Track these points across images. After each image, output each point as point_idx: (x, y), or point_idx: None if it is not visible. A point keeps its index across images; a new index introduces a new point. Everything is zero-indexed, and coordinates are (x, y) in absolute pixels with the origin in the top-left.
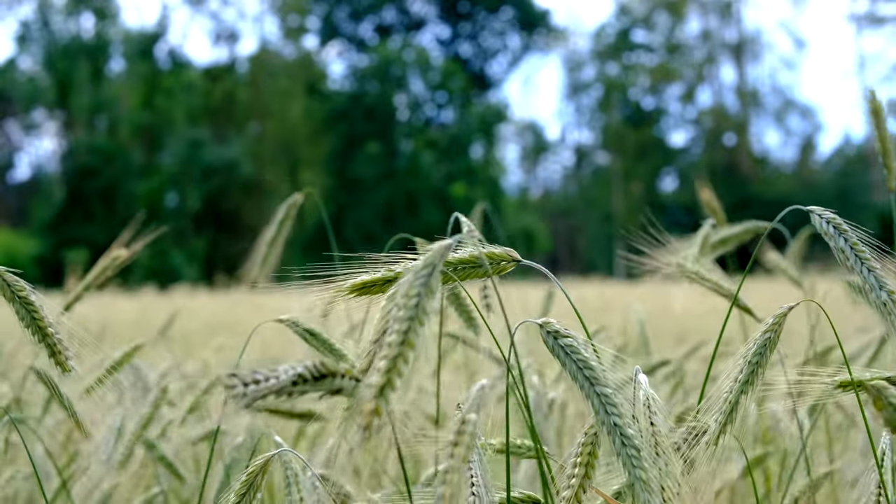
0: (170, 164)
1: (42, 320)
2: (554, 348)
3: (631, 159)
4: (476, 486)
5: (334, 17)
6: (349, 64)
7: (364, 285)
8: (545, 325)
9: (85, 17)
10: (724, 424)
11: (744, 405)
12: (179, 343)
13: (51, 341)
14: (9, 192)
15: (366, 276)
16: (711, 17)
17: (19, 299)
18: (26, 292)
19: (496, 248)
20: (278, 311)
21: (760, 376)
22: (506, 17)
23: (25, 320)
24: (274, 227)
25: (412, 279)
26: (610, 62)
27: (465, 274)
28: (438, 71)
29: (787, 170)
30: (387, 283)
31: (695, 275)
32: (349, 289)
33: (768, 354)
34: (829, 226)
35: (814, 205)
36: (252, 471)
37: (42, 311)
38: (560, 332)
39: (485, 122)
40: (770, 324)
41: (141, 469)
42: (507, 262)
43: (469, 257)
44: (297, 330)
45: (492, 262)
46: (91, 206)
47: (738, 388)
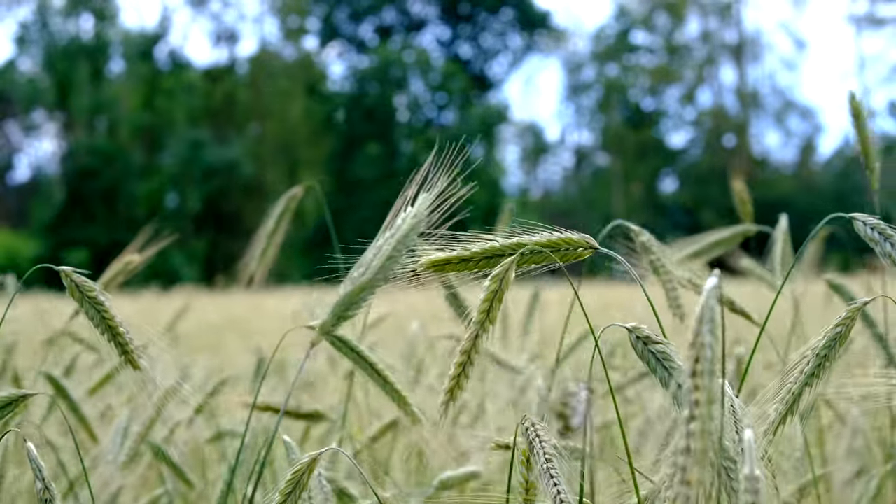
0: (170, 164)
1: (112, 320)
2: (644, 354)
3: (631, 160)
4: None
5: (334, 18)
6: (349, 65)
7: (439, 262)
8: (634, 329)
9: (84, 18)
10: (784, 415)
11: (806, 398)
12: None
13: (122, 340)
14: (9, 193)
15: (441, 254)
16: (711, 18)
17: (89, 300)
18: (95, 293)
19: (574, 234)
20: (279, 312)
21: (827, 370)
22: (506, 18)
23: (95, 320)
24: (273, 220)
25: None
26: (610, 63)
27: (540, 258)
28: (439, 72)
29: (787, 171)
30: (461, 263)
31: (688, 282)
32: (426, 264)
33: (837, 348)
34: (874, 231)
35: (813, 206)
36: (298, 469)
37: (111, 311)
38: (651, 337)
39: (485, 123)
40: (842, 318)
41: (147, 471)
42: (584, 249)
43: (547, 241)
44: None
45: (568, 248)
46: (91, 207)
47: (804, 379)
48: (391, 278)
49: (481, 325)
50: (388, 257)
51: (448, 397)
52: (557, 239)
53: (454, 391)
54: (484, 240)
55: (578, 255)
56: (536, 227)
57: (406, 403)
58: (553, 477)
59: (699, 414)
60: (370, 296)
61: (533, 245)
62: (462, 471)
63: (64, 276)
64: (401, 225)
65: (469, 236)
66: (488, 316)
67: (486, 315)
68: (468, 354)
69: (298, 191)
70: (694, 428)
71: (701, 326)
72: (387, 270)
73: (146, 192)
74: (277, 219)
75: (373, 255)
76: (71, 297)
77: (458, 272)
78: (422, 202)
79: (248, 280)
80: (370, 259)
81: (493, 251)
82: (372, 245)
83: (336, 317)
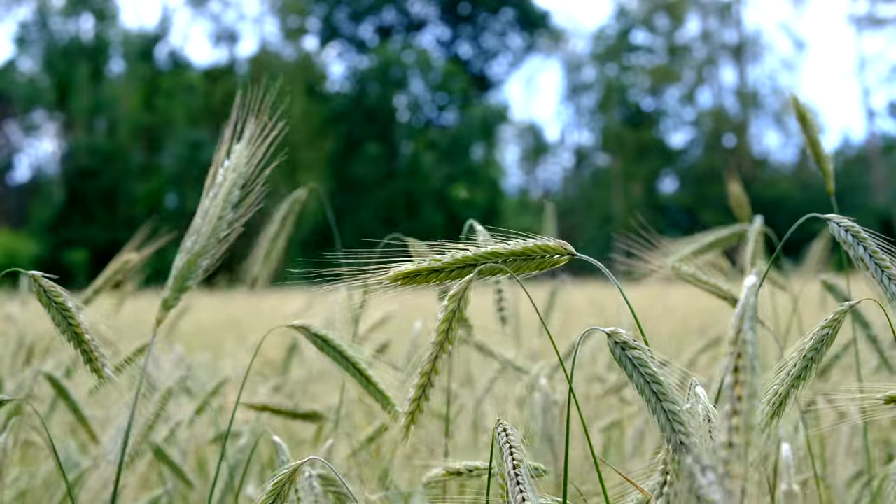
0: (170, 165)
1: (79, 326)
2: (621, 359)
3: (630, 161)
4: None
5: (334, 19)
6: (349, 65)
7: (409, 274)
8: (613, 334)
9: (84, 18)
10: (771, 416)
11: (793, 399)
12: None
13: (87, 348)
14: (8, 193)
15: (411, 266)
16: (711, 19)
17: (56, 305)
18: (63, 298)
19: (550, 241)
20: (278, 312)
21: (813, 371)
22: (506, 19)
23: (62, 326)
24: (276, 223)
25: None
26: (610, 63)
27: (515, 267)
28: (439, 72)
29: (787, 171)
30: (432, 274)
31: (691, 277)
32: (394, 277)
33: (824, 350)
34: (847, 234)
35: (813, 206)
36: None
37: (78, 318)
38: (629, 342)
39: (485, 123)
40: (829, 319)
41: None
42: (560, 256)
43: (523, 249)
44: (311, 336)
45: (544, 255)
46: (91, 208)
47: (790, 381)
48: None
49: (440, 346)
50: (217, 218)
51: (409, 420)
52: (533, 246)
53: (415, 414)
54: (456, 249)
55: (555, 262)
56: (511, 234)
57: (389, 404)
58: (520, 484)
59: (741, 409)
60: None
61: (507, 254)
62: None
63: (32, 281)
64: (221, 182)
65: (441, 245)
66: (447, 337)
67: (445, 335)
68: (428, 376)
69: (302, 193)
70: (735, 423)
71: (742, 323)
72: (217, 232)
73: (146, 192)
74: (281, 221)
75: (201, 221)
76: (39, 301)
77: (429, 283)
78: (237, 154)
79: (253, 282)
80: (199, 225)
81: (466, 261)
82: (199, 209)
83: (177, 289)
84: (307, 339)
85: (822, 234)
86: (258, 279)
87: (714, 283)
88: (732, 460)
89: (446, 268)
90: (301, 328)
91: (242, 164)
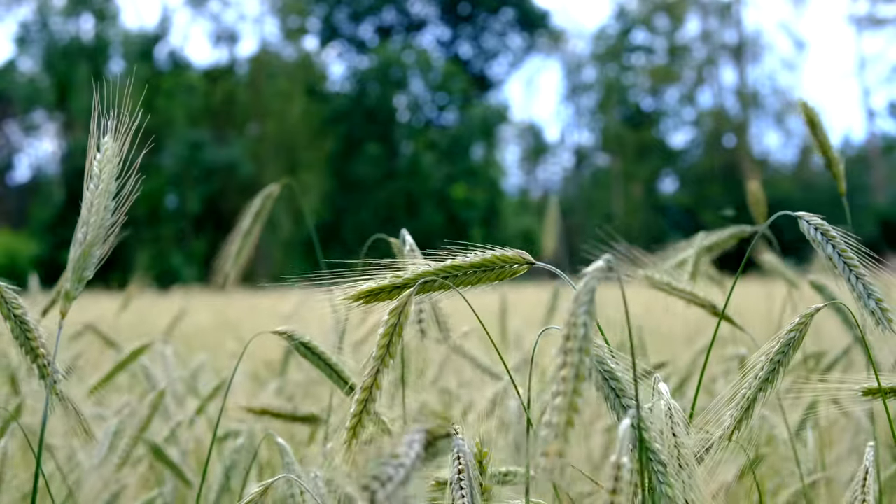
0: (170, 165)
1: (35, 340)
2: None
3: (631, 161)
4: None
5: (334, 19)
6: (349, 65)
7: (371, 293)
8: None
9: (84, 18)
10: (739, 420)
11: (761, 403)
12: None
13: (41, 363)
14: (8, 193)
15: (372, 284)
16: (711, 19)
17: (14, 318)
18: (21, 310)
19: (508, 251)
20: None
21: (781, 375)
22: (506, 19)
23: (20, 339)
24: (248, 219)
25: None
26: (610, 64)
27: (475, 278)
28: (439, 72)
29: (787, 171)
30: (395, 291)
31: (665, 286)
32: (355, 296)
33: (791, 354)
34: (816, 232)
35: (813, 206)
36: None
37: (35, 331)
38: None
39: (485, 123)
40: (795, 323)
41: (146, 472)
42: (519, 265)
43: (482, 261)
44: (294, 343)
45: (503, 265)
46: None
47: (758, 385)
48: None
49: (381, 361)
50: (104, 209)
51: (350, 435)
52: (492, 257)
53: (356, 429)
54: (416, 265)
55: (515, 272)
56: (471, 246)
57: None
58: (462, 489)
59: (565, 389)
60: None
61: (467, 266)
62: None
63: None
64: (99, 174)
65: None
66: (388, 351)
67: (385, 350)
68: (369, 391)
69: (275, 189)
70: (558, 402)
71: (577, 307)
72: (105, 222)
73: (146, 192)
74: (253, 218)
75: (87, 212)
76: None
77: (391, 300)
78: (107, 146)
79: (224, 280)
80: (87, 216)
81: (426, 275)
82: (83, 202)
83: (76, 280)
84: (290, 345)
85: None
86: (229, 277)
87: (689, 290)
88: (551, 439)
89: (407, 283)
90: (284, 334)
91: (113, 156)
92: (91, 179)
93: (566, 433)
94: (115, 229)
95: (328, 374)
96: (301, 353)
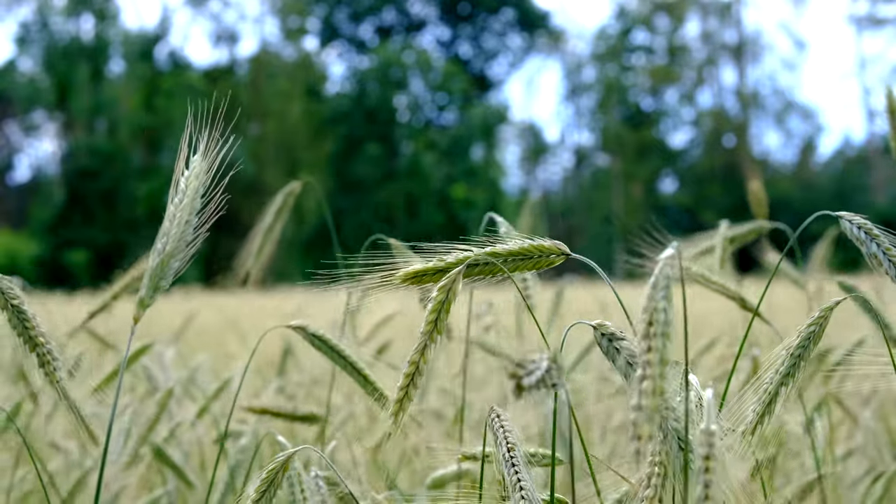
0: (170, 165)
1: (34, 329)
2: (609, 351)
3: (630, 161)
4: (525, 490)
5: (334, 19)
6: (349, 65)
7: (416, 274)
8: (599, 326)
9: (84, 18)
10: (761, 415)
11: (783, 397)
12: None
13: (41, 352)
14: (9, 193)
15: (418, 265)
16: (711, 19)
17: (12, 308)
18: (19, 301)
19: (545, 241)
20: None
21: (802, 369)
22: (506, 19)
23: (17, 329)
24: (269, 217)
25: (654, 293)
26: (610, 64)
27: (513, 266)
28: (439, 72)
29: (787, 171)
30: (438, 273)
31: (700, 277)
32: (402, 277)
33: (812, 348)
34: (860, 231)
35: (813, 206)
36: (273, 467)
37: (34, 321)
38: (616, 334)
39: (485, 123)
40: (815, 317)
41: (148, 471)
42: (556, 256)
43: (520, 249)
44: (309, 337)
45: (540, 255)
46: (91, 208)
47: (779, 379)
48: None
49: (429, 336)
50: (185, 223)
51: (397, 408)
52: (530, 246)
53: (403, 402)
54: (459, 250)
55: (551, 262)
56: (510, 235)
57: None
58: (515, 466)
59: (651, 374)
60: (177, 263)
61: (506, 254)
62: (453, 469)
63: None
64: (185, 189)
65: (444, 246)
66: (436, 326)
67: (433, 325)
68: (416, 365)
69: (296, 187)
70: (646, 386)
71: (655, 292)
72: (186, 236)
73: (146, 193)
74: (274, 216)
75: (169, 224)
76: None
77: (434, 283)
78: (196, 164)
79: (245, 278)
80: (168, 228)
81: (468, 259)
82: (166, 215)
83: (152, 288)
84: (305, 339)
85: (824, 234)
86: (250, 274)
87: (721, 283)
88: (640, 422)
89: (450, 267)
90: (298, 328)
91: (202, 174)
92: (176, 194)
93: (654, 416)
94: (196, 244)
95: (343, 367)
96: (316, 347)
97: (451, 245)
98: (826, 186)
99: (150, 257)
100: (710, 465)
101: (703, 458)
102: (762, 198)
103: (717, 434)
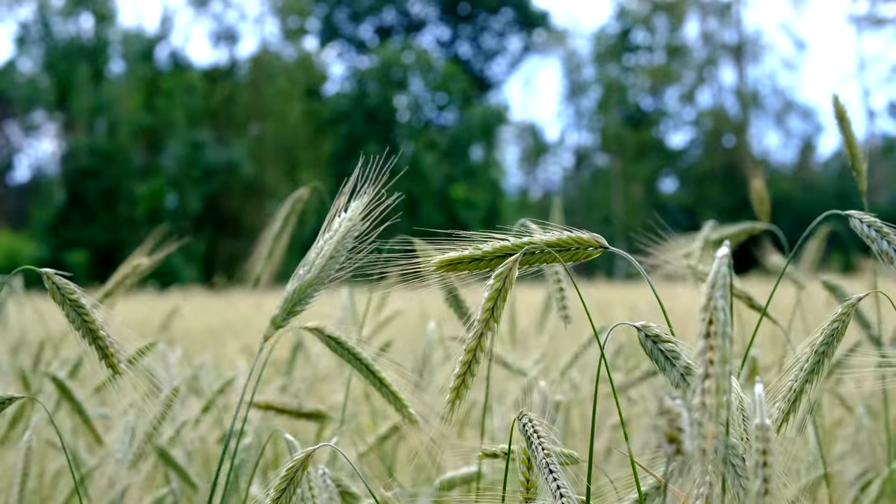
0: (170, 165)
1: (93, 322)
2: (653, 352)
3: (630, 161)
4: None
5: (334, 19)
6: (349, 65)
7: (452, 262)
8: (644, 328)
9: (84, 18)
10: (787, 413)
11: (808, 394)
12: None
13: (103, 344)
14: (9, 193)
15: (454, 254)
16: (711, 19)
17: (70, 302)
18: (76, 295)
19: (584, 233)
20: None
21: (826, 366)
22: (505, 19)
23: (76, 323)
24: (279, 222)
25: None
26: (610, 63)
27: (550, 258)
28: (439, 72)
29: (787, 171)
30: (473, 262)
31: (704, 275)
32: (438, 264)
33: (835, 345)
34: (870, 229)
35: (813, 206)
36: (292, 465)
37: (92, 314)
38: (661, 336)
39: (485, 123)
40: (838, 314)
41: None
42: (593, 248)
43: (558, 241)
44: (324, 338)
45: (578, 247)
46: (91, 208)
47: (804, 377)
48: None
49: (486, 324)
50: (329, 257)
51: (454, 396)
52: (568, 238)
53: (460, 390)
54: (495, 239)
55: (588, 255)
56: (548, 226)
57: (403, 406)
58: (553, 472)
59: (713, 372)
60: (316, 292)
61: (543, 244)
62: (464, 471)
63: (46, 279)
64: (338, 228)
65: (479, 236)
66: (493, 314)
67: (490, 313)
68: (473, 353)
69: (304, 192)
70: (708, 385)
71: (713, 291)
72: (328, 269)
73: (146, 193)
74: (283, 220)
75: (315, 255)
76: (52, 299)
77: (469, 271)
78: (354, 208)
79: (255, 281)
80: (313, 258)
81: (505, 250)
82: (314, 246)
83: (286, 311)
84: (321, 340)
85: (817, 233)
86: (261, 278)
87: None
88: (705, 420)
89: (486, 256)
90: (315, 330)
91: (357, 218)
92: (329, 230)
93: (719, 415)
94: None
95: (357, 368)
96: (331, 349)
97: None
98: (826, 186)
99: (290, 282)
100: (768, 459)
101: (761, 452)
102: (764, 196)
103: (772, 429)
